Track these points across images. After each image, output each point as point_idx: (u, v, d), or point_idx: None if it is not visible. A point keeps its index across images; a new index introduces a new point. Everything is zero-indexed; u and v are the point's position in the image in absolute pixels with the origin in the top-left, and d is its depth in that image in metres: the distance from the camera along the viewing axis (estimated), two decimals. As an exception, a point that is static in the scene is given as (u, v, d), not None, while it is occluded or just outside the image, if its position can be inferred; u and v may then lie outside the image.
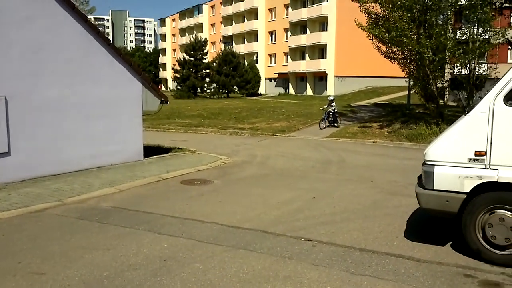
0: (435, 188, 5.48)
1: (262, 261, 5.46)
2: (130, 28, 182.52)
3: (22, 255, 5.65)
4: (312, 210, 7.86)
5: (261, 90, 58.35)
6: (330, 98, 22.01)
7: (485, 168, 5.22)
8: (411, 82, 21.36)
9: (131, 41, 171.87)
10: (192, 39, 56.51)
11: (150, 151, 13.79)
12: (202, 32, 75.66)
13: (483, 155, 5.22)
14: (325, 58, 50.16)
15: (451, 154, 5.41)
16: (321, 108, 22.62)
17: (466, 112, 5.55)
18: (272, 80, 60.17)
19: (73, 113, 10.81)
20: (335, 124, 21.19)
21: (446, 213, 5.53)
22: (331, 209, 7.92)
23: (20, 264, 5.37)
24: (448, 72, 20.47)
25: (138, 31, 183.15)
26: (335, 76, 49.65)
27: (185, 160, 13.01)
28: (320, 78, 52.17)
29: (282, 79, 57.99)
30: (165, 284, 4.84)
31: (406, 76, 20.61)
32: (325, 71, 49.91)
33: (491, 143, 5.17)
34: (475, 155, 5.25)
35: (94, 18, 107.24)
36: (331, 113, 21.19)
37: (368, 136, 18.68)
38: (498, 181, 5.15)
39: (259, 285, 4.81)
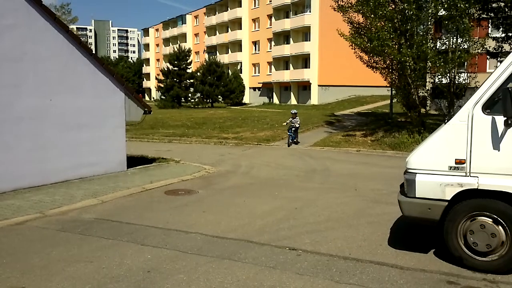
0: (417, 196, 5.54)
1: (247, 271, 5.43)
2: (113, 38, 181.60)
3: (1, 269, 5.52)
4: (297, 219, 7.87)
5: (246, 99, 58.50)
6: (294, 111, 19.61)
7: (465, 176, 5.30)
8: (393, 91, 21.64)
9: (114, 51, 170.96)
10: (175, 49, 56.47)
11: (133, 161, 13.69)
12: (185, 42, 75.66)
13: (463, 163, 5.29)
14: (309, 67, 50.58)
15: (432, 162, 5.48)
16: (285, 124, 20.16)
17: (446, 120, 5.64)
18: (256, 90, 60.38)
19: (55, 124, 10.68)
20: (296, 140, 19.22)
21: (428, 220, 5.59)
22: (315, 218, 7.93)
23: (-1, 278, 5.26)
24: (429, 81, 20.81)
25: (122, 41, 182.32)
26: (319, 85, 50.09)
27: (169, 170, 12.94)
28: (304, 87, 52.54)
29: (266, 89, 58.22)
30: (148, 296, 4.78)
31: (388, 85, 20.88)
32: (309, 81, 50.30)
33: (470, 151, 5.25)
34: (456, 163, 5.33)
35: (77, 28, 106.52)
36: (293, 129, 19.00)
37: (352, 144, 18.83)
38: (479, 188, 5.23)
39: (243, 295, 4.79)
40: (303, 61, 52.25)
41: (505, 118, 4.99)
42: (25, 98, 10.04)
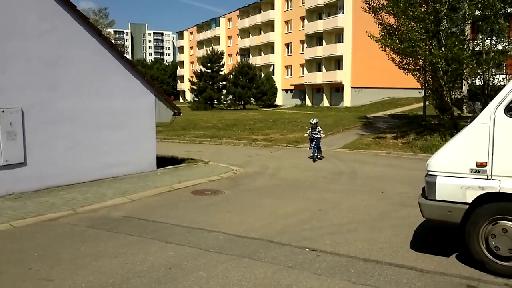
0: (437, 198, 5.50)
1: (265, 270, 5.52)
2: (149, 41, 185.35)
3: (33, 262, 5.82)
4: (320, 220, 7.90)
5: (278, 101, 58.57)
6: (314, 121, 16.19)
7: (487, 179, 5.22)
8: (426, 93, 21.26)
9: (150, 54, 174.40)
10: (208, 52, 57.17)
11: (163, 161, 14.00)
12: (219, 44, 76.48)
13: (485, 166, 5.22)
14: (341, 69, 50.18)
15: (453, 164, 5.43)
16: (306, 134, 16.73)
17: (469, 123, 5.57)
18: (289, 92, 60.37)
19: (88, 125, 11.07)
20: (319, 155, 15.98)
21: (449, 223, 5.53)
22: (339, 219, 7.95)
23: (31, 270, 5.54)
24: (465, 84, 20.31)
25: (157, 44, 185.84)
26: (352, 87, 49.61)
27: (198, 170, 13.17)
28: (336, 89, 52.16)
29: (299, 91, 58.13)
30: (168, 291, 4.94)
31: (422, 87, 20.53)
32: (342, 83, 49.91)
33: (492, 154, 5.18)
34: (477, 165, 5.26)
35: (114, 31, 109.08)
36: (314, 141, 15.79)
37: (382, 147, 18.61)
38: (500, 191, 5.15)
39: (260, 293, 4.89)
40: (336, 63, 51.88)
41: (528, 120, 4.90)
42: (61, 100, 10.46)
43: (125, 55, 12.47)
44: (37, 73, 10.00)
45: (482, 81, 17.30)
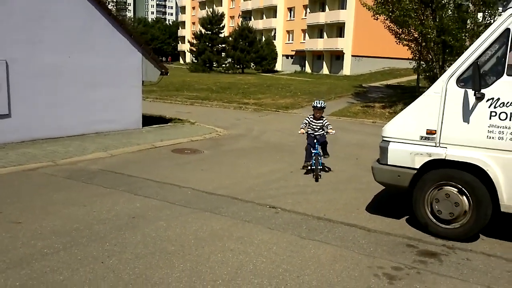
0: (388, 163, 5.79)
1: (222, 223, 5.86)
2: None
3: (5, 207, 6.14)
4: (288, 181, 8.22)
5: (278, 67, 58.18)
6: (320, 104, 9.10)
7: (435, 146, 5.48)
8: (418, 64, 21.26)
9: (152, 13, 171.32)
10: (209, 13, 56.41)
11: (151, 120, 14.25)
12: (221, 5, 75.21)
13: (434, 134, 5.47)
14: (343, 37, 49.64)
15: (405, 131, 5.68)
16: (302, 130, 9.25)
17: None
18: (289, 57, 59.87)
19: (73, 81, 11.25)
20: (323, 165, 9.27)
21: (398, 187, 5.84)
22: (306, 181, 8.26)
23: (1, 214, 5.87)
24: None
25: (160, 2, 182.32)
26: (352, 55, 49.21)
27: (182, 130, 13.43)
28: (337, 57, 51.77)
29: (299, 57, 57.66)
30: (126, 237, 5.28)
31: (411, 58, 20.52)
32: (342, 50, 49.48)
33: (442, 123, 5.41)
34: (427, 133, 5.51)
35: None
36: (315, 141, 9.03)
37: (368, 116, 18.81)
38: (446, 158, 5.41)
39: (212, 242, 5.22)
40: (338, 29, 51.26)
41: (474, 91, 5.10)
42: (45, 54, 10.60)
43: (126, 13, 12.59)
44: (21, 27, 10.09)
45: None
